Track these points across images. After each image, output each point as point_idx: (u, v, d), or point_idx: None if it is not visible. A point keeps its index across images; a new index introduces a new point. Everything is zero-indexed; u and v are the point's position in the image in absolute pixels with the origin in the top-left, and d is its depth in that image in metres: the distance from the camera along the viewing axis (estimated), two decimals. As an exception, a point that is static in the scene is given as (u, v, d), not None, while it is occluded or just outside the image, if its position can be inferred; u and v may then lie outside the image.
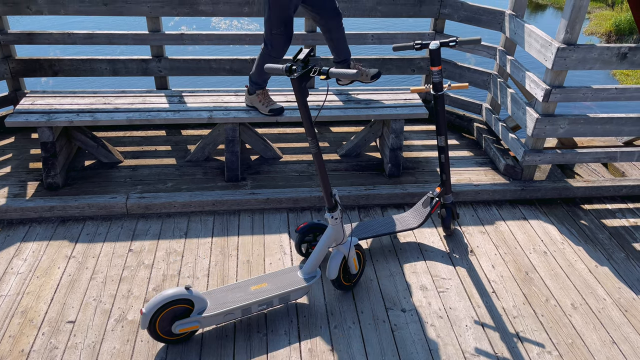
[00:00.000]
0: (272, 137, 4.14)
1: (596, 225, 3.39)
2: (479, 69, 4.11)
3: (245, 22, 10.15)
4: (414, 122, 4.45)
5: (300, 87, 2.25)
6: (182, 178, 3.58)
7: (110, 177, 3.55)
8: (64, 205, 3.21)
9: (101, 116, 3.31)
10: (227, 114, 3.39)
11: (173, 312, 2.33)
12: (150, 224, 3.22)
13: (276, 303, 2.53)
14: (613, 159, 3.62)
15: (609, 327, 2.65)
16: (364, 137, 3.84)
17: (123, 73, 4.05)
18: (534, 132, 3.38)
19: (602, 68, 3.21)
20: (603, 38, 9.92)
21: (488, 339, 2.55)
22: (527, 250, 3.14)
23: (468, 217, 3.41)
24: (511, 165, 3.67)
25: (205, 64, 4.07)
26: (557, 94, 3.23)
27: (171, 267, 2.90)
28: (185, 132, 4.17)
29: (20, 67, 3.96)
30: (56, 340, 2.45)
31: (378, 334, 2.55)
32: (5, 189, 3.37)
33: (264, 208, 3.39)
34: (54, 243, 3.04)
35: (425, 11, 4.06)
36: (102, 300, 2.67)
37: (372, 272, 2.93)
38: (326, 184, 2.42)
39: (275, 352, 2.43)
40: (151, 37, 3.91)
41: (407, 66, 4.29)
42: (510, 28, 3.66)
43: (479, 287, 2.85)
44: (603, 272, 3.00)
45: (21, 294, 2.69)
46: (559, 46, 3.08)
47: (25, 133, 4.05)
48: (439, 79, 2.78)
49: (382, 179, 3.65)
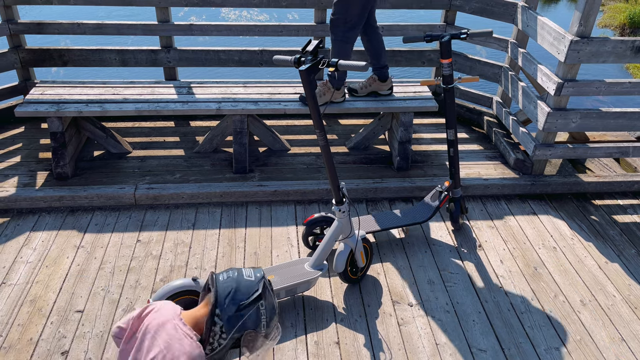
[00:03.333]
0: (280, 129, 4.13)
1: (607, 221, 3.35)
2: (490, 61, 4.06)
3: (255, 12, 10.10)
4: (424, 115, 4.42)
5: (309, 79, 2.23)
6: (190, 169, 3.59)
7: (118, 168, 3.56)
8: (73, 195, 3.23)
9: (110, 107, 3.31)
10: (236, 106, 3.38)
11: (180, 303, 2.34)
12: (158, 214, 3.23)
13: (283, 295, 2.53)
14: (625, 154, 3.58)
15: (618, 324, 2.62)
16: (373, 130, 3.82)
17: (132, 63, 4.05)
18: (545, 126, 3.34)
19: (615, 61, 3.16)
20: (617, 31, 9.78)
21: (495, 334, 2.54)
22: (536, 246, 3.11)
23: (477, 212, 3.38)
24: (521, 159, 3.63)
25: (214, 55, 4.06)
26: (569, 88, 3.19)
27: (179, 258, 2.91)
28: (194, 123, 4.17)
29: (30, 57, 3.97)
30: (64, 329, 2.47)
31: (385, 327, 2.54)
32: (15, 179, 3.40)
33: (271, 200, 3.39)
34: (63, 233, 3.06)
35: (437, 2, 4.01)
36: (110, 290, 2.69)
37: (379, 265, 2.92)
38: (334, 177, 2.41)
39: (282, 344, 2.44)
40: (160, 28, 3.90)
41: (417, 58, 4.25)
42: (523, 20, 3.61)
43: (487, 282, 2.84)
44: (613, 269, 2.97)
45: (30, 283, 2.71)
46: (572, 39, 3.03)
47: (34, 123, 4.07)
48: (449, 71, 2.75)
49: (390, 172, 3.64)
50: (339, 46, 3.19)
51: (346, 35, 3.15)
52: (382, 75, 3.49)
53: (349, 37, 3.16)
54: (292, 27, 3.98)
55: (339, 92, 3.41)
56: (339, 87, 3.38)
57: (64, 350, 2.36)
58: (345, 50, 3.21)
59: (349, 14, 3.07)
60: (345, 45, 3.19)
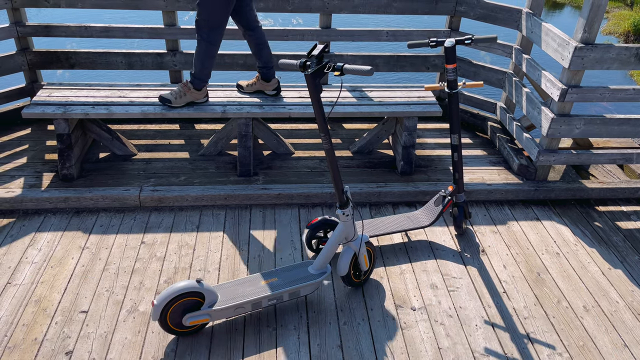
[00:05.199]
0: (285, 132, 4.15)
1: (610, 227, 3.35)
2: (494, 67, 4.07)
3: (260, 17, 10.14)
4: (428, 120, 4.43)
5: (314, 83, 2.25)
6: (194, 172, 3.60)
7: (124, 170, 3.58)
8: (79, 197, 3.25)
9: (116, 109, 3.34)
10: (241, 109, 3.40)
11: (184, 304, 2.35)
12: (162, 216, 3.25)
13: (286, 298, 2.54)
14: (629, 161, 3.58)
15: (620, 330, 2.62)
16: (377, 134, 3.83)
17: (138, 66, 4.08)
18: (549, 132, 3.35)
19: (619, 68, 3.16)
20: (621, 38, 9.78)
21: (498, 339, 2.54)
22: (540, 251, 3.11)
23: (480, 217, 3.39)
24: (525, 165, 3.64)
25: (220, 58, 4.09)
26: (573, 94, 3.20)
27: (183, 260, 2.92)
28: (199, 126, 4.19)
29: (38, 59, 4.01)
30: (69, 329, 2.48)
31: (387, 331, 2.55)
32: (21, 180, 3.42)
33: (275, 203, 3.40)
34: (68, 234, 3.08)
35: (441, 8, 4.03)
36: (115, 291, 2.70)
37: (382, 269, 2.93)
38: (338, 181, 2.42)
39: (284, 347, 2.44)
40: (167, 31, 3.93)
41: (421, 63, 4.27)
42: (527, 26, 3.62)
43: (490, 287, 2.84)
44: (616, 275, 2.97)
45: (35, 283, 2.73)
46: (576, 45, 3.04)
47: (41, 124, 4.10)
48: (453, 76, 2.76)
49: (394, 176, 3.64)
50: (204, 47, 3.21)
51: (210, 36, 3.16)
52: (264, 75, 3.50)
53: (212, 38, 3.17)
54: (297, 32, 4.01)
55: (200, 92, 3.39)
56: (200, 88, 3.37)
57: (68, 351, 2.38)
58: (210, 51, 3.22)
59: (211, 15, 3.09)
60: (210, 46, 3.20)
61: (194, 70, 3.30)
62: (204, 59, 3.25)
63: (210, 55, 3.25)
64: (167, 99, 3.35)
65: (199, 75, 3.31)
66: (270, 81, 3.54)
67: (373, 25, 9.71)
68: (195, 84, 3.34)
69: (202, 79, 3.33)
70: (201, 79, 3.33)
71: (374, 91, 3.71)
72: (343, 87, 3.79)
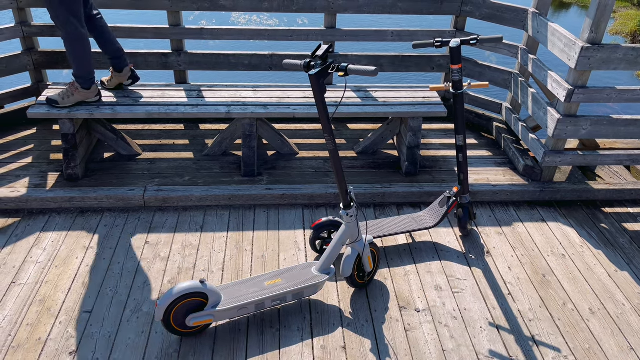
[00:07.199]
0: (289, 133, 4.14)
1: (617, 229, 3.33)
2: (499, 67, 4.05)
3: (265, 17, 10.15)
4: (433, 121, 4.41)
5: (319, 84, 2.24)
6: (199, 172, 3.60)
7: (128, 170, 3.59)
8: (83, 197, 3.26)
9: (121, 109, 3.34)
10: (245, 109, 3.40)
11: (187, 305, 2.35)
12: (167, 217, 3.25)
13: (290, 299, 2.53)
14: (636, 162, 3.55)
15: (627, 333, 2.60)
16: (382, 135, 3.82)
17: (143, 66, 4.08)
18: (555, 132, 3.33)
19: (627, 69, 3.14)
20: (628, 38, 9.72)
21: (503, 342, 2.52)
22: (545, 253, 3.09)
23: (485, 218, 3.37)
24: (530, 166, 3.62)
25: (225, 58, 4.09)
26: (580, 95, 3.18)
27: (187, 260, 2.92)
28: (203, 126, 4.19)
29: (43, 59, 4.02)
30: (73, 329, 2.49)
31: (391, 333, 2.54)
32: (26, 179, 3.43)
33: (279, 204, 3.39)
34: (73, 233, 3.08)
35: (447, 8, 4.01)
36: (118, 291, 2.70)
37: (386, 270, 2.91)
38: (342, 181, 2.41)
39: (288, 348, 2.44)
40: (171, 32, 3.94)
41: (426, 64, 4.25)
42: (533, 26, 3.60)
43: (495, 289, 2.82)
44: (623, 277, 2.94)
45: (40, 283, 2.73)
46: (583, 46, 3.02)
47: (46, 124, 4.11)
48: (458, 77, 2.75)
49: (398, 177, 3.63)
50: (70, 45, 3.17)
51: (67, 32, 3.11)
52: (114, 65, 3.46)
53: (70, 33, 3.12)
54: (301, 32, 4.00)
55: (89, 91, 3.33)
56: (88, 87, 3.31)
57: (72, 350, 2.38)
58: (77, 48, 3.17)
59: (57, 12, 3.06)
60: (75, 43, 3.15)
61: (73, 70, 3.24)
62: (75, 57, 3.19)
63: (80, 53, 3.17)
64: (54, 99, 3.27)
65: (78, 74, 3.24)
66: (122, 71, 3.48)
67: (378, 25, 9.70)
68: (81, 83, 3.28)
69: (85, 77, 3.26)
70: (84, 77, 3.26)
71: (379, 91, 3.70)
72: (347, 87, 3.78)
